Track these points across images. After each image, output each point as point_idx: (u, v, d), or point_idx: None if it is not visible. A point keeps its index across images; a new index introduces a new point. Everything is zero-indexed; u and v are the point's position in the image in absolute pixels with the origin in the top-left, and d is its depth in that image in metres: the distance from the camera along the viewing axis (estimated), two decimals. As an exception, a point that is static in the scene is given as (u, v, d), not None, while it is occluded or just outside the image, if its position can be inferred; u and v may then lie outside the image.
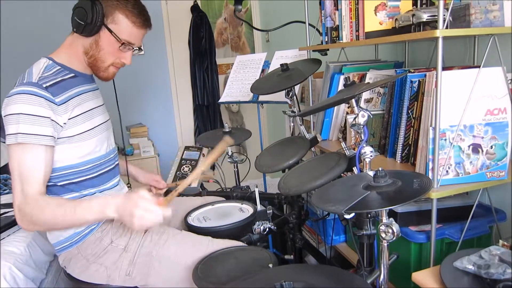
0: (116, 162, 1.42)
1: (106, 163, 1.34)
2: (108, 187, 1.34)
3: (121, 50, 1.24)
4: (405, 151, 1.36)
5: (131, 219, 1.07)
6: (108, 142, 1.37)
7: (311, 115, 1.94)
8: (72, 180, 1.24)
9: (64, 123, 1.17)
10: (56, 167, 1.20)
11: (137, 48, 1.28)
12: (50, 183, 1.21)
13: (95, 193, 1.29)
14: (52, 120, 1.13)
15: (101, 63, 1.25)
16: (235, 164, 2.05)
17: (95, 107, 1.32)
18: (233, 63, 2.49)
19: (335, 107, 1.77)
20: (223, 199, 1.71)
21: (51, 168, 1.17)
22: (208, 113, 3.70)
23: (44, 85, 1.14)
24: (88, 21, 1.16)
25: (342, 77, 1.71)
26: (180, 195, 1.95)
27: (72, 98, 1.22)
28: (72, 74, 1.25)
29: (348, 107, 1.70)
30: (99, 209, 1.11)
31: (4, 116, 1.12)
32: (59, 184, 1.22)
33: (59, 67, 1.22)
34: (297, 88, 1.85)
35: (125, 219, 1.09)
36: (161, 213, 1.08)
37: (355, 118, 1.11)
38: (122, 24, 1.20)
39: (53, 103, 1.15)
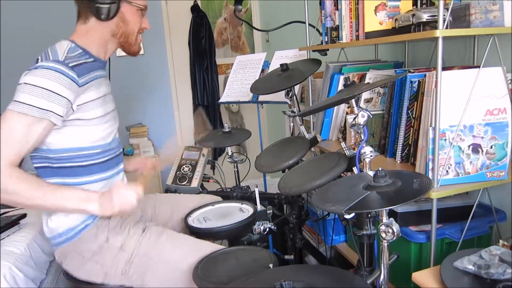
0: (121, 150, 1.42)
1: (114, 149, 1.34)
2: (115, 173, 1.34)
3: (141, 17, 1.32)
4: (405, 151, 1.36)
5: (112, 208, 1.17)
6: (115, 129, 1.38)
7: (311, 115, 1.94)
8: (81, 163, 1.23)
9: (80, 105, 1.18)
10: (69, 148, 1.20)
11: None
12: (58, 165, 1.21)
13: (100, 179, 1.29)
14: (68, 101, 1.13)
15: (132, 36, 1.31)
16: (235, 164, 2.05)
17: (108, 93, 1.33)
18: (233, 63, 2.49)
19: (335, 107, 1.77)
20: (220, 198, 1.71)
21: (37, 147, 1.16)
22: (208, 113, 3.69)
23: (70, 65, 1.15)
24: (111, 1, 1.21)
25: (342, 77, 1.71)
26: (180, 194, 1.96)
27: (92, 81, 1.23)
28: (92, 59, 1.26)
29: (348, 107, 1.70)
30: (82, 198, 1.16)
31: (20, 84, 1.10)
32: (68, 165, 1.22)
33: (81, 50, 1.23)
34: (297, 88, 1.85)
35: (107, 207, 1.17)
36: (135, 195, 1.19)
37: (355, 118, 1.11)
38: None
39: (76, 83, 1.15)
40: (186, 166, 2.05)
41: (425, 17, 1.17)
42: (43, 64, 1.12)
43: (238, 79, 2.37)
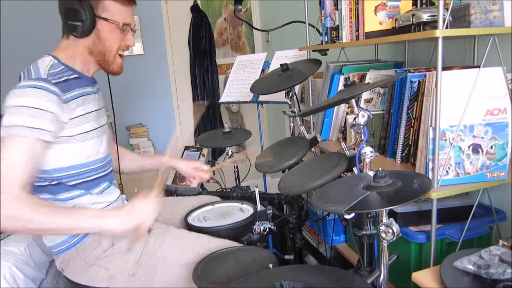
0: (111, 168, 1.40)
1: (104, 167, 1.33)
2: (101, 190, 1.31)
3: (122, 34, 1.25)
4: (405, 151, 1.35)
5: (132, 221, 1.11)
6: (105, 145, 1.35)
7: (311, 115, 1.94)
8: (69, 183, 1.23)
9: (65, 122, 1.17)
10: (55, 168, 1.19)
11: (134, 28, 1.29)
12: (45, 183, 1.20)
13: (87, 194, 1.27)
14: (57, 116, 1.12)
15: (109, 54, 1.25)
16: (235, 164, 2.05)
17: (96, 110, 1.31)
18: (233, 63, 2.49)
19: (335, 107, 1.77)
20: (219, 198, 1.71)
21: (39, 165, 1.14)
22: (208, 113, 3.70)
23: (53, 81, 1.14)
24: (83, 19, 1.17)
25: (342, 77, 1.71)
26: (180, 195, 1.96)
27: (76, 98, 1.22)
28: (76, 75, 1.24)
29: (348, 107, 1.70)
30: (95, 215, 1.12)
31: (6, 108, 1.08)
32: (53, 183, 1.21)
33: (63, 67, 1.21)
34: (297, 88, 1.85)
35: (126, 220, 1.11)
36: (156, 205, 1.15)
37: (355, 118, 1.11)
38: (113, 9, 1.21)
39: (61, 99, 1.14)
40: (186, 166, 2.04)
41: (425, 17, 1.17)
42: (25, 84, 1.10)
43: (238, 79, 2.37)
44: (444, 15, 1.03)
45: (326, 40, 1.70)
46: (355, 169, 1.18)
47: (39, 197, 1.21)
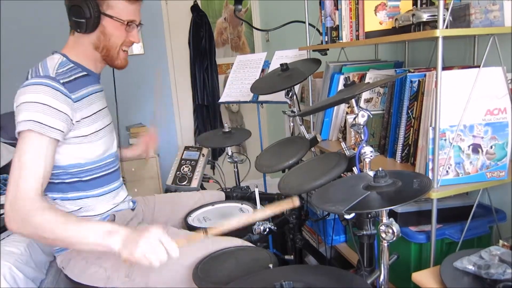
0: (118, 165, 1.43)
1: (113, 163, 1.35)
2: (113, 188, 1.35)
3: (127, 31, 1.26)
4: (405, 151, 1.35)
5: (133, 249, 1.00)
6: (113, 143, 1.38)
7: (311, 115, 1.94)
8: (81, 178, 1.24)
9: (77, 121, 1.18)
10: (67, 164, 1.21)
11: (139, 24, 1.29)
12: (58, 180, 1.21)
13: (101, 194, 1.30)
14: (67, 115, 1.13)
15: (113, 50, 1.26)
16: (235, 164, 2.05)
17: (102, 109, 1.33)
18: (233, 63, 2.49)
19: (335, 107, 1.77)
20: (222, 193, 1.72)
21: (52, 166, 1.14)
22: (208, 113, 3.69)
23: (61, 81, 1.15)
24: (87, 16, 1.17)
25: (342, 77, 1.71)
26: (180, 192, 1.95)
27: (85, 97, 1.23)
28: (85, 73, 1.26)
29: (348, 107, 1.70)
30: (106, 231, 1.04)
31: (18, 105, 1.09)
32: (67, 181, 1.22)
33: (72, 65, 1.23)
34: (297, 88, 1.85)
35: (128, 247, 1.01)
36: (165, 255, 1.01)
37: (355, 118, 1.11)
38: (118, 6, 1.21)
39: (70, 99, 1.15)
40: (186, 166, 2.05)
41: (425, 16, 1.17)
42: (36, 81, 1.11)
43: (238, 79, 2.37)
44: (444, 15, 1.03)
45: (326, 40, 1.70)
46: (355, 169, 1.18)
47: (48, 195, 1.22)
